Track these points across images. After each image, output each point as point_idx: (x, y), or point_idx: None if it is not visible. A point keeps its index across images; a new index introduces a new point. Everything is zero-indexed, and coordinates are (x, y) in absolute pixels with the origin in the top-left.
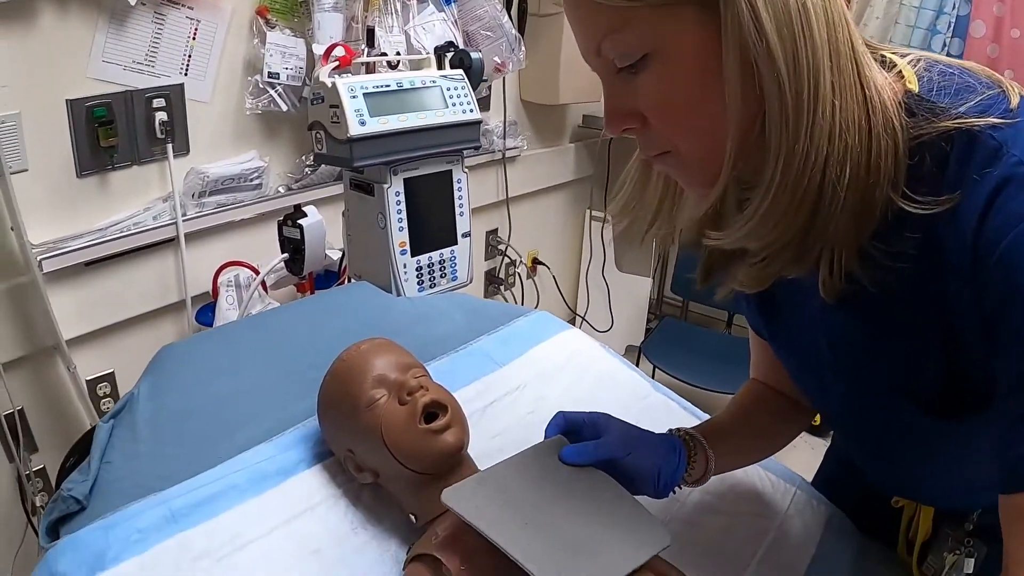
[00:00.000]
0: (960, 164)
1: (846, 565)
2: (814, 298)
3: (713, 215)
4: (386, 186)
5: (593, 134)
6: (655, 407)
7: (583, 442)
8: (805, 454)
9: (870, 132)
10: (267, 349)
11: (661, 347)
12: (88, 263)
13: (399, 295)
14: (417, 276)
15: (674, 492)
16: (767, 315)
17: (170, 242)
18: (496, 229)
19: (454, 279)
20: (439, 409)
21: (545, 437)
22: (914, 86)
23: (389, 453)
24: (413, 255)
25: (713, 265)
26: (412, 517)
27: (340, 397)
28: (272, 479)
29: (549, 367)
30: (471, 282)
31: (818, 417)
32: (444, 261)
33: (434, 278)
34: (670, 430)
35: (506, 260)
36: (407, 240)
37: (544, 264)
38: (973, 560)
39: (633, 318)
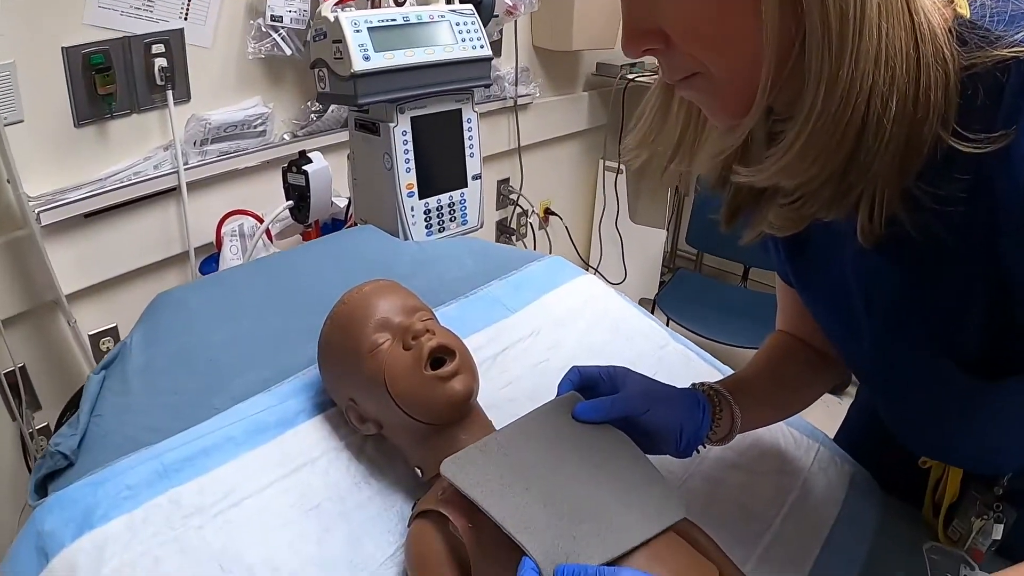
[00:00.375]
0: (1016, 96)
1: (871, 525)
2: (850, 243)
3: (739, 150)
4: (392, 125)
5: (607, 82)
6: (673, 357)
7: (599, 398)
8: (819, 412)
9: (918, 61)
10: (267, 295)
11: (675, 300)
12: (87, 215)
13: (406, 239)
14: (425, 219)
15: (697, 451)
16: (796, 261)
17: (172, 192)
18: (508, 178)
19: (464, 223)
20: (446, 354)
21: (558, 394)
22: (965, 11)
23: (393, 402)
24: (421, 197)
25: (740, 205)
26: (418, 470)
27: (341, 343)
28: (270, 431)
29: (563, 314)
30: (482, 226)
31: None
32: (453, 204)
33: (443, 222)
34: (693, 385)
35: (518, 210)
36: (414, 182)
37: (556, 215)
38: (1002, 526)
39: (647, 270)
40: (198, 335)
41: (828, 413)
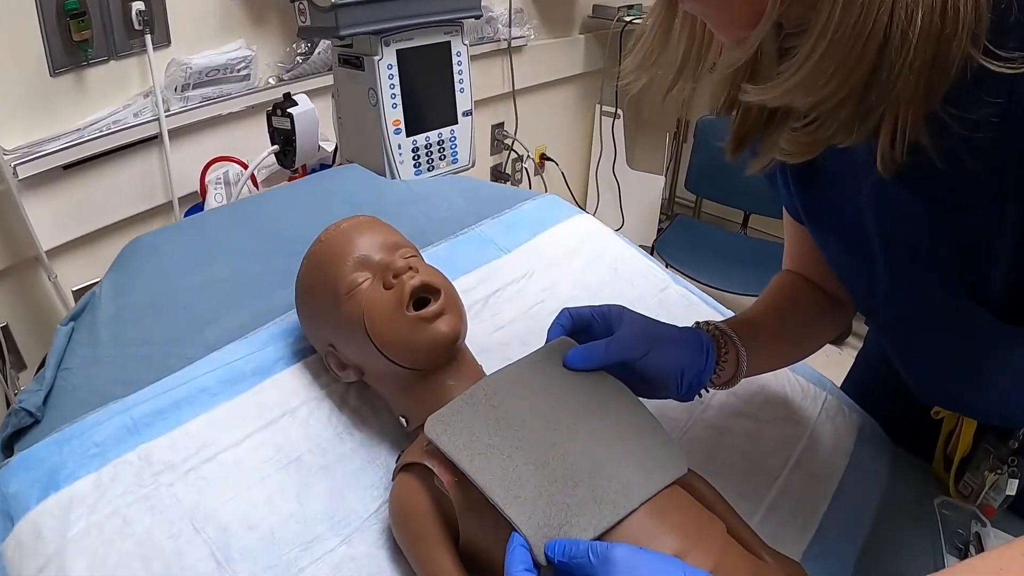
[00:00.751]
0: None
1: (881, 478)
2: (867, 173)
3: (748, 66)
4: (377, 59)
5: (604, 25)
6: (674, 300)
7: (591, 343)
8: (820, 362)
9: None
10: (245, 237)
11: (674, 246)
12: (66, 167)
13: (393, 179)
14: (413, 158)
15: (699, 396)
16: (807, 193)
17: (153, 140)
18: (502, 123)
19: (454, 162)
20: (430, 293)
21: (548, 339)
22: None
23: (373, 346)
24: (408, 135)
25: (748, 131)
26: (402, 420)
27: (318, 283)
28: (246, 381)
29: (559, 254)
30: (473, 165)
31: None
32: (443, 142)
33: (432, 160)
34: (697, 323)
35: (512, 155)
36: (401, 118)
37: (552, 160)
38: (1016, 481)
39: (645, 217)
40: (171, 282)
41: (829, 363)
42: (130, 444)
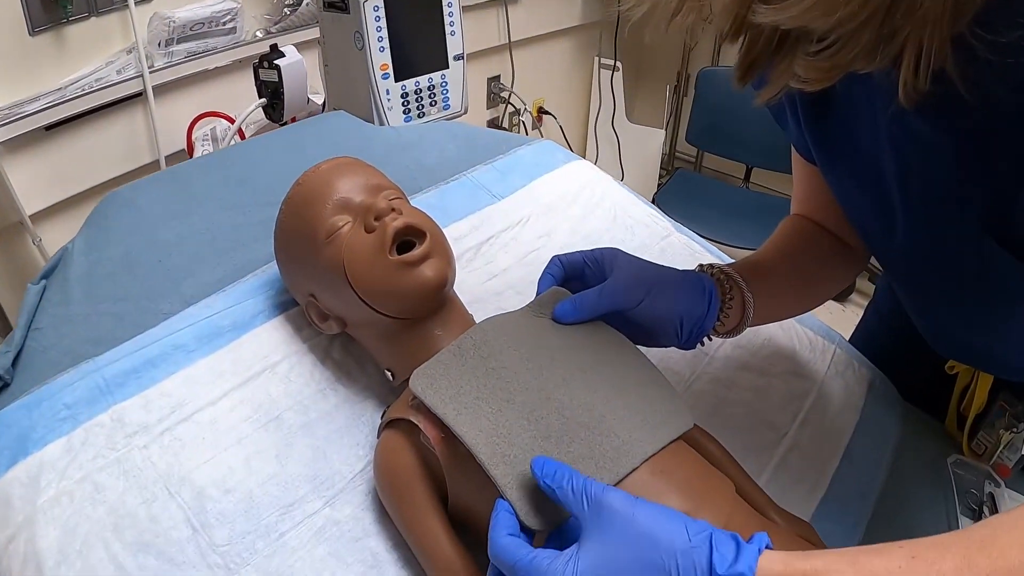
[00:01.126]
0: None
1: (892, 435)
2: (885, 104)
3: None
4: (363, 0)
5: None
6: (677, 249)
7: (582, 292)
8: (823, 318)
9: None
10: (225, 188)
11: (675, 199)
12: (48, 127)
13: (382, 125)
14: (403, 103)
15: (702, 344)
16: (818, 128)
17: (137, 97)
18: (498, 76)
19: (446, 108)
20: (415, 236)
21: (538, 291)
22: None
23: (355, 294)
24: (397, 80)
25: (757, 57)
26: (388, 373)
27: (296, 229)
28: (224, 336)
29: (555, 200)
30: (466, 112)
31: None
32: (434, 87)
33: (422, 106)
34: (700, 266)
35: (509, 109)
36: (389, 63)
37: (550, 114)
38: None
39: (645, 172)
40: (147, 235)
41: (832, 320)
42: (102, 405)
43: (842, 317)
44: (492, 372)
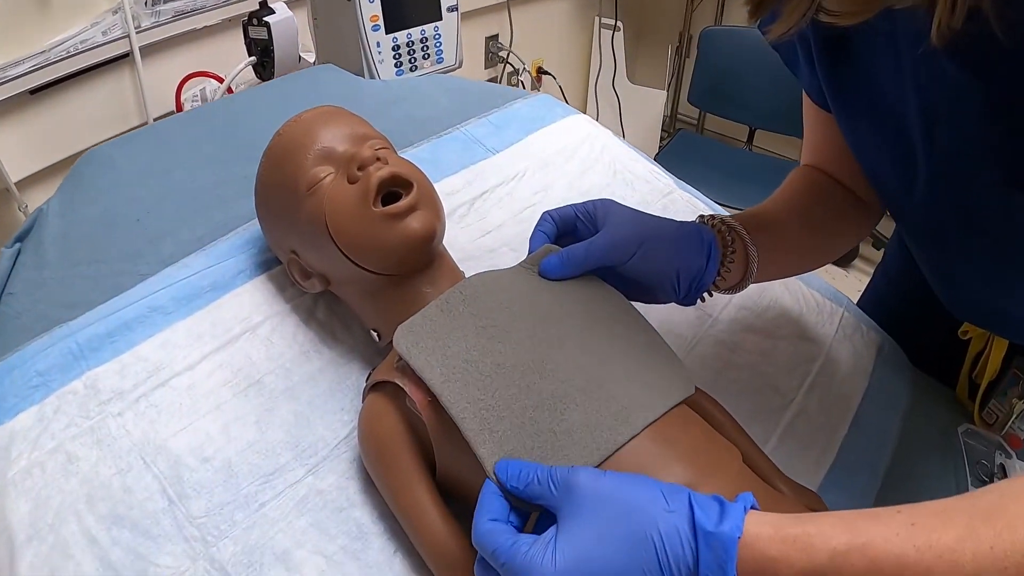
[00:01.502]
0: None
1: (902, 402)
2: (911, 44)
3: None
4: None
5: None
6: (680, 206)
7: (570, 246)
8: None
9: None
10: (207, 144)
11: (676, 160)
12: (33, 91)
13: (372, 79)
14: (394, 56)
15: (702, 300)
16: (835, 71)
17: (124, 59)
18: (496, 35)
19: (439, 61)
20: (401, 187)
21: (530, 249)
22: None
23: (337, 248)
24: (388, 31)
25: None
26: (374, 334)
27: (277, 181)
28: (203, 297)
29: (552, 155)
30: (460, 66)
31: None
32: (427, 39)
33: (415, 59)
34: (700, 217)
35: (508, 68)
36: (380, 13)
37: (550, 74)
38: None
39: (646, 134)
40: (125, 194)
41: (834, 285)
42: (75, 372)
43: (845, 283)
44: (482, 331)
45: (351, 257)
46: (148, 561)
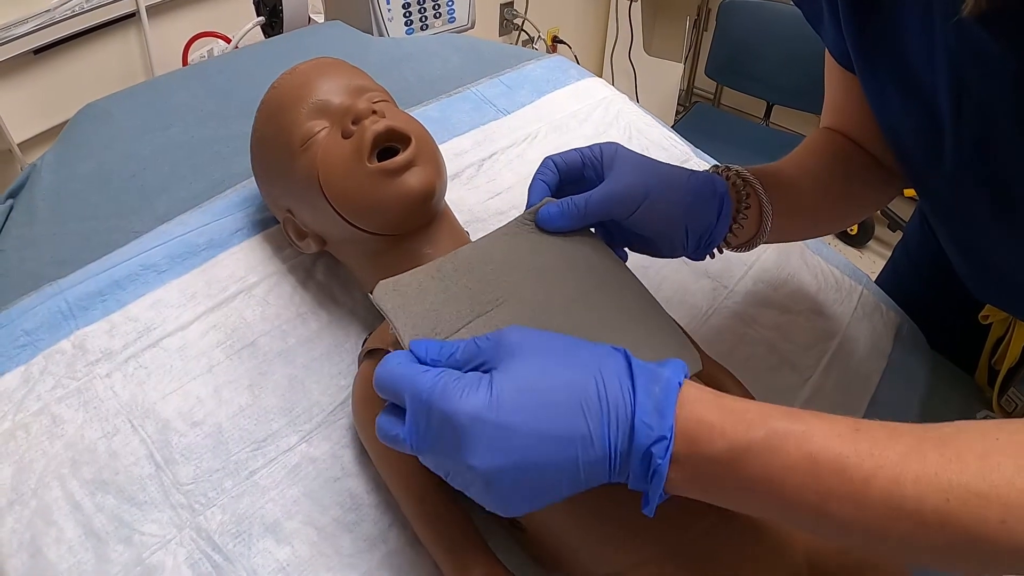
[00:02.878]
0: None
1: (920, 385)
2: (944, 12)
3: None
4: None
5: None
6: None
7: (571, 196)
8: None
9: None
10: (207, 100)
11: (692, 133)
12: (37, 51)
13: (382, 37)
14: (404, 14)
15: (711, 256)
16: (863, 31)
17: (131, 18)
18: (511, 2)
19: (451, 20)
20: (399, 142)
21: (529, 202)
22: None
23: (331, 207)
24: None
25: None
26: (371, 296)
27: (271, 136)
28: (198, 255)
29: (566, 118)
30: (473, 26)
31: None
32: None
33: (425, 18)
34: (715, 167)
35: (523, 36)
36: None
37: (565, 43)
38: None
39: (662, 107)
40: (120, 150)
41: None
42: (64, 331)
43: (859, 264)
44: (473, 300)
45: (345, 216)
46: (132, 528)
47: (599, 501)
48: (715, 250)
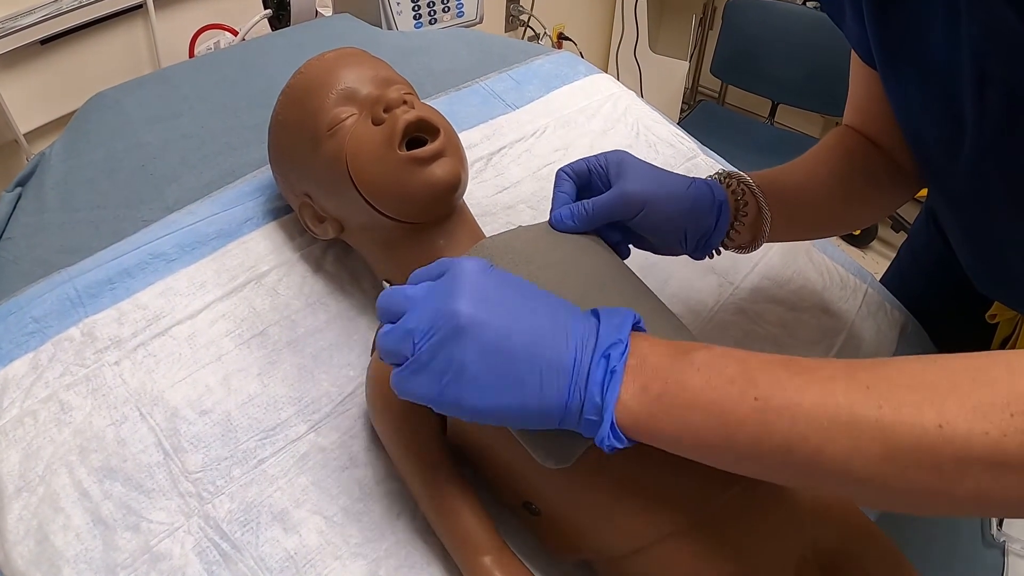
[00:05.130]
0: None
1: None
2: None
3: None
4: None
5: None
6: (703, 171)
7: (579, 201)
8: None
9: None
10: (217, 90)
11: (697, 131)
12: (44, 41)
13: (390, 30)
14: (413, 8)
15: (710, 256)
16: (885, 22)
17: (138, 9)
18: None
19: (460, 15)
20: (428, 133)
21: (554, 208)
22: None
23: (356, 191)
24: None
25: None
26: (386, 284)
27: (295, 120)
28: (208, 244)
29: (574, 113)
30: (481, 21)
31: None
32: None
33: (434, 12)
34: (717, 174)
35: (528, 33)
36: None
37: (571, 40)
38: None
39: (667, 105)
40: (130, 139)
41: None
42: (73, 318)
43: (863, 264)
44: None
45: (371, 201)
46: (140, 516)
47: (622, 473)
48: (714, 251)
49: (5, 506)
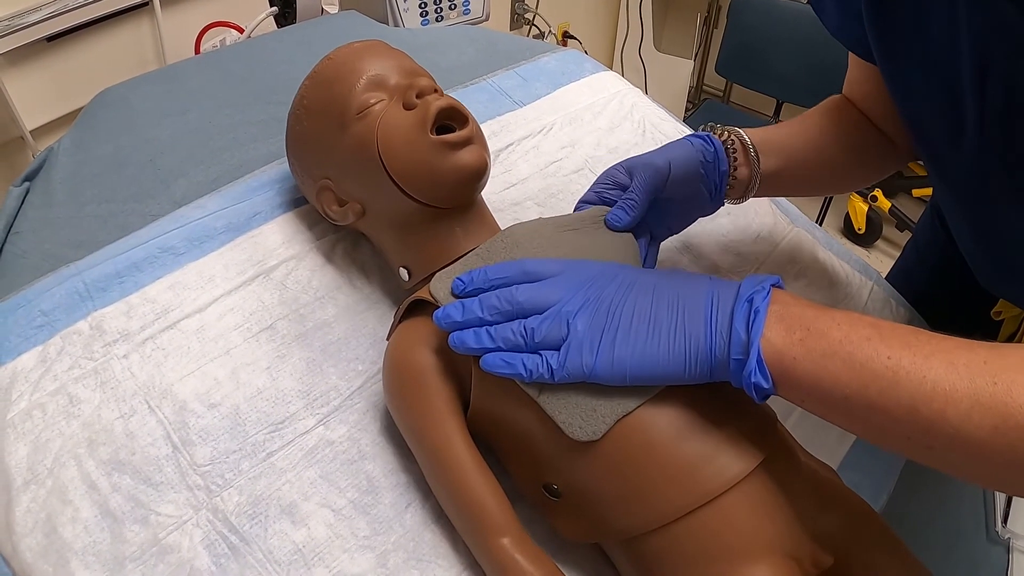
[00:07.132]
0: None
1: None
2: None
3: None
4: None
5: None
6: None
7: (623, 199)
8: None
9: None
10: (225, 86)
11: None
12: (50, 38)
13: (397, 27)
14: (420, 5)
15: (724, 204)
16: (882, 15)
17: (144, 7)
18: None
19: (466, 12)
20: (456, 121)
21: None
22: None
23: (385, 173)
24: None
25: None
26: (403, 271)
27: (323, 102)
28: (216, 238)
29: (580, 111)
30: (487, 19)
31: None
32: None
33: (441, 9)
34: (708, 125)
35: (533, 31)
36: None
37: (575, 38)
38: None
39: (671, 103)
40: (138, 134)
41: None
42: (81, 312)
43: (867, 263)
44: None
45: (399, 183)
46: (149, 509)
47: (648, 446)
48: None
49: (13, 498)
